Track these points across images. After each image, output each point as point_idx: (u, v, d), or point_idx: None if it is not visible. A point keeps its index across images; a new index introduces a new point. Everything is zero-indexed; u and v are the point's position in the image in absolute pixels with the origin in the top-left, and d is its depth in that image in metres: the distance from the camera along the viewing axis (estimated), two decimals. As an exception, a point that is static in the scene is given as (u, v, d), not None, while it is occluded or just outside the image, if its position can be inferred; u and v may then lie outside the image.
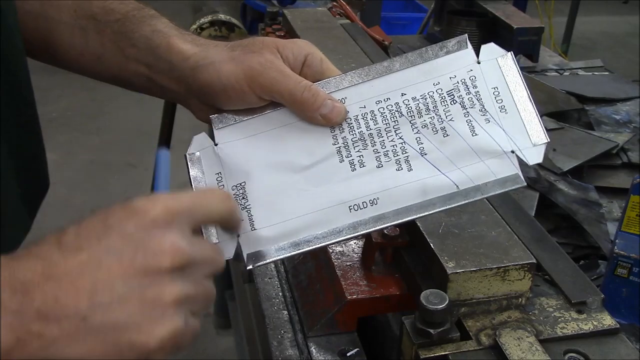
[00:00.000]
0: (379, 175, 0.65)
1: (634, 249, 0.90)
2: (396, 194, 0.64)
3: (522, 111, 0.65)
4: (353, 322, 0.78)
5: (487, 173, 0.63)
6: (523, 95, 0.66)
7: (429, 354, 0.66)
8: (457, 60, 0.67)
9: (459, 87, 0.66)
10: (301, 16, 1.52)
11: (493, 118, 0.65)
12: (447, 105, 0.66)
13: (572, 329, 0.70)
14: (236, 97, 0.68)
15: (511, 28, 1.76)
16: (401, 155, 0.65)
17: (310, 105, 0.66)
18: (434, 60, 0.68)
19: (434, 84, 0.67)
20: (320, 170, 0.66)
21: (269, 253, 0.64)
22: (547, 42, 4.38)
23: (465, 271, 0.69)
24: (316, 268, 0.83)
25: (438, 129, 0.65)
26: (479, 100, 0.66)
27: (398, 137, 0.66)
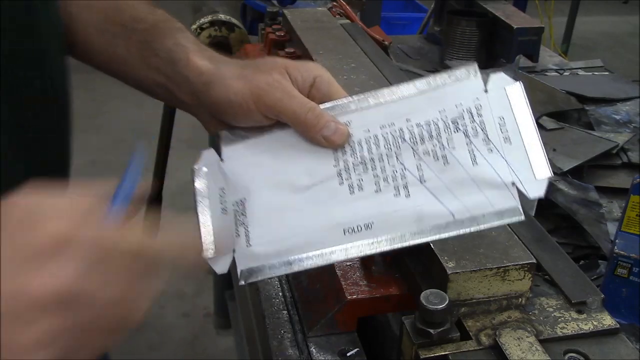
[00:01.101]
0: (377, 200, 0.65)
1: (634, 249, 0.90)
2: (392, 219, 0.64)
3: (527, 143, 0.64)
4: (353, 322, 0.78)
5: (485, 204, 0.62)
6: (529, 126, 0.65)
7: (429, 354, 0.66)
8: (465, 88, 0.67)
9: (464, 115, 0.65)
10: (301, 16, 1.52)
11: (496, 148, 0.64)
12: (451, 133, 0.65)
13: (572, 329, 0.70)
14: (243, 114, 0.69)
15: (511, 28, 1.76)
16: (400, 181, 0.65)
17: (313, 127, 0.67)
18: (441, 88, 0.67)
19: (439, 111, 0.66)
20: (320, 192, 0.66)
21: (262, 270, 0.64)
22: (547, 42, 4.38)
23: (465, 271, 0.69)
24: (316, 268, 0.83)
25: (439, 157, 0.65)
26: (483, 130, 0.65)
27: (399, 162, 0.65)
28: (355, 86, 1.15)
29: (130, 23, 0.77)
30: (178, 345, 2.62)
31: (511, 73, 1.67)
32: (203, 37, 1.69)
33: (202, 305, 2.80)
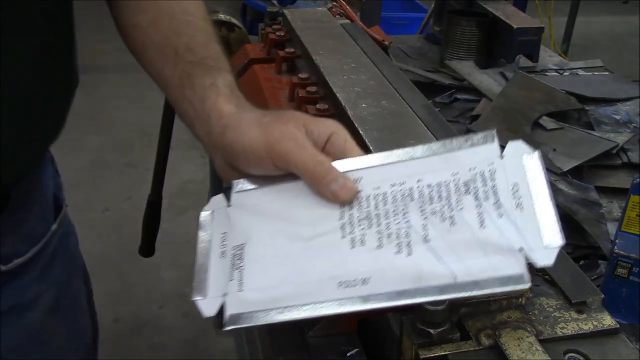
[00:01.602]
0: (377, 256, 0.62)
1: (634, 249, 0.90)
2: (390, 276, 0.61)
3: (539, 211, 0.62)
4: (353, 323, 0.78)
5: (489, 268, 0.59)
6: (544, 195, 0.63)
7: (429, 354, 0.66)
8: (481, 153, 0.66)
9: (476, 178, 0.64)
10: (301, 16, 1.52)
11: (507, 213, 0.61)
12: (461, 194, 0.63)
13: (572, 329, 0.70)
14: (255, 161, 0.71)
15: (511, 28, 1.76)
16: (404, 238, 0.63)
17: (321, 179, 0.67)
18: (456, 151, 0.67)
19: (452, 173, 0.65)
20: (320, 244, 0.65)
21: (251, 317, 0.63)
22: (547, 42, 4.38)
23: None
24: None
25: (446, 217, 0.62)
26: (495, 194, 0.63)
27: (405, 220, 0.64)
28: (355, 86, 1.15)
29: (183, 52, 0.81)
30: (178, 345, 2.62)
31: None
32: (203, 37, 1.69)
33: (202, 305, 2.80)
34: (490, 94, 1.59)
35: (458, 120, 1.51)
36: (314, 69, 1.27)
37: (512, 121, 1.41)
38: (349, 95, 1.11)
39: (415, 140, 0.98)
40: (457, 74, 1.73)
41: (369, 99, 1.10)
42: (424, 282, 0.60)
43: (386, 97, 1.12)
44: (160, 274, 2.95)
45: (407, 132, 1.00)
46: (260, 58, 1.48)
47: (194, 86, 0.79)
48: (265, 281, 0.64)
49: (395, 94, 1.14)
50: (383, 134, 0.99)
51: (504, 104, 1.47)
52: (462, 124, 1.48)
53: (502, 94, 1.53)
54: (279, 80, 1.35)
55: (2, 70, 0.74)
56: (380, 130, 1.00)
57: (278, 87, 1.33)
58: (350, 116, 1.04)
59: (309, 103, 1.17)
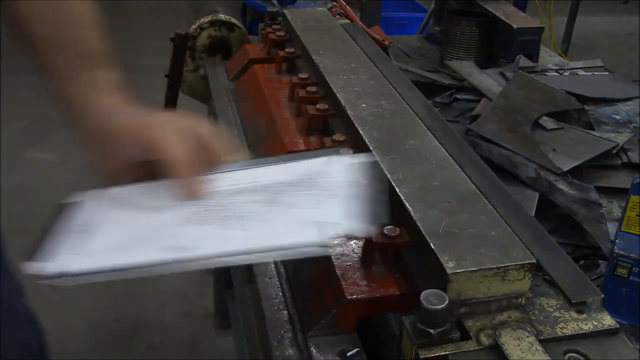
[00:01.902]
0: (203, 229, 0.74)
1: (634, 249, 0.90)
2: (204, 243, 0.71)
3: (349, 200, 0.74)
4: (353, 323, 0.78)
5: (295, 236, 0.70)
6: (357, 189, 0.77)
7: (429, 354, 0.66)
8: (320, 161, 0.84)
9: (306, 178, 0.80)
10: (301, 16, 1.52)
11: (322, 199, 0.77)
12: (295, 189, 0.79)
13: (572, 329, 0.70)
14: (129, 141, 0.80)
15: (511, 28, 1.76)
16: (223, 215, 0.76)
17: (183, 171, 0.78)
18: (303, 160, 0.85)
19: (290, 173, 0.82)
20: (162, 222, 0.76)
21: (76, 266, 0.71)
22: (547, 42, 4.38)
23: (465, 271, 0.69)
24: (317, 268, 0.83)
25: (270, 201, 0.77)
26: (319, 185, 0.78)
27: (250, 208, 0.77)
28: (355, 86, 1.15)
29: (68, 43, 0.86)
30: (178, 345, 2.62)
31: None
32: (203, 37, 1.69)
33: (202, 305, 2.80)
34: (490, 94, 1.59)
35: (458, 120, 1.51)
36: (314, 69, 1.27)
37: (512, 121, 1.40)
38: (348, 95, 1.11)
39: (414, 140, 0.97)
40: (457, 74, 1.73)
41: (369, 99, 1.10)
42: (234, 247, 0.70)
43: (386, 97, 1.12)
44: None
45: (407, 132, 1.00)
46: (260, 58, 1.48)
47: (78, 78, 0.84)
48: (98, 246, 0.73)
49: (395, 93, 1.14)
50: (383, 134, 0.99)
51: (504, 104, 1.47)
52: (462, 124, 1.48)
53: (502, 94, 1.53)
54: (279, 80, 1.35)
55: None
56: (380, 130, 1.00)
57: (278, 87, 1.33)
58: (350, 116, 1.04)
59: (309, 103, 1.17)
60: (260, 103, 1.28)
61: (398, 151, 0.94)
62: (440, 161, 0.92)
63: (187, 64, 1.72)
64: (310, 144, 1.11)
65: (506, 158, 1.29)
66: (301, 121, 1.16)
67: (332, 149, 0.91)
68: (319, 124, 1.14)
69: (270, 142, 1.16)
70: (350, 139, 1.03)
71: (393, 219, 0.85)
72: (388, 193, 0.83)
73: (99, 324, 2.67)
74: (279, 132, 1.14)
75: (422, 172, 0.89)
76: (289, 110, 1.22)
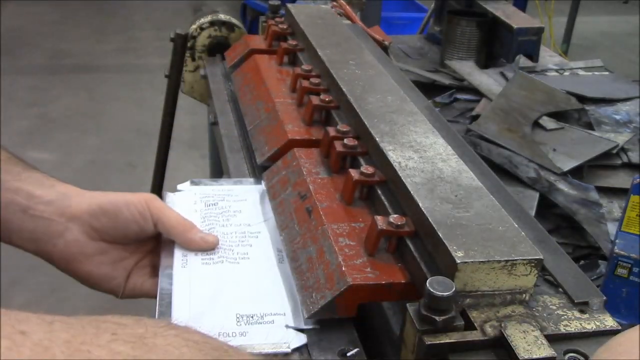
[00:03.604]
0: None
1: (634, 249, 0.90)
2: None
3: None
4: (353, 308, 0.78)
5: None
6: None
7: (434, 340, 0.65)
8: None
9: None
10: (305, 11, 1.52)
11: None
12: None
13: (575, 327, 0.70)
14: (137, 215, 0.85)
15: (511, 28, 1.76)
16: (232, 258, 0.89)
17: (191, 229, 0.88)
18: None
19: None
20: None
21: None
22: (547, 42, 4.38)
23: (474, 262, 0.69)
24: (318, 252, 0.83)
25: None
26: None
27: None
28: (360, 80, 1.15)
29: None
30: (178, 345, 2.62)
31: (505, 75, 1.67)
32: (203, 37, 1.69)
33: (202, 305, 2.80)
34: (490, 94, 1.59)
35: (458, 121, 1.52)
36: (317, 62, 1.26)
37: (512, 121, 1.41)
38: (354, 88, 1.11)
39: (420, 136, 0.97)
40: (457, 74, 1.73)
41: (374, 93, 1.10)
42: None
43: (392, 94, 1.11)
44: (160, 274, 2.95)
45: (413, 126, 1.00)
46: (261, 49, 1.47)
47: (18, 179, 0.83)
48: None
49: (400, 91, 1.14)
50: (389, 126, 0.99)
51: (504, 104, 1.47)
52: (462, 124, 1.48)
53: (502, 94, 1.53)
54: (279, 71, 1.34)
55: None
56: (386, 123, 0.99)
57: (279, 77, 1.31)
58: (356, 108, 1.03)
59: (312, 94, 1.16)
60: (260, 91, 1.27)
61: (404, 144, 0.94)
62: (446, 156, 0.91)
63: (187, 64, 1.72)
64: (311, 133, 1.10)
65: (506, 158, 1.29)
66: (303, 110, 1.15)
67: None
68: (321, 114, 1.13)
69: (270, 129, 1.15)
70: (354, 130, 1.02)
71: (399, 209, 0.85)
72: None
73: None
74: (281, 120, 1.13)
75: (429, 165, 0.88)
76: (290, 100, 1.21)
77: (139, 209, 0.85)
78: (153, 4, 6.50)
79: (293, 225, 0.91)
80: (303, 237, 0.87)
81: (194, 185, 1.02)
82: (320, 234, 0.85)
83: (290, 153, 1.03)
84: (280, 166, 1.03)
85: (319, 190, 0.93)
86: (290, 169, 1.01)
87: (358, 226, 0.86)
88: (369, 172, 0.90)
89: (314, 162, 1.00)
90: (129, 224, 0.85)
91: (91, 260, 0.86)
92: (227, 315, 0.77)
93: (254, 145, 1.15)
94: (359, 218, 0.88)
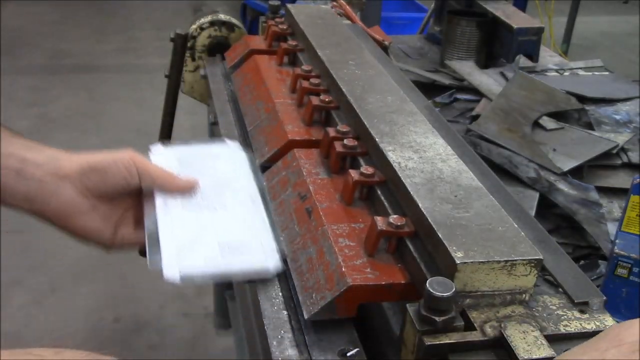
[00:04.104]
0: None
1: (634, 249, 0.90)
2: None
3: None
4: (353, 309, 0.78)
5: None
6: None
7: (434, 341, 0.65)
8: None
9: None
10: (305, 12, 1.52)
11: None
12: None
13: (575, 327, 0.70)
14: (125, 172, 0.91)
15: (511, 28, 1.76)
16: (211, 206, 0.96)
17: (174, 177, 0.96)
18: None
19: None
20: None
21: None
22: (547, 42, 4.38)
23: (474, 262, 0.69)
24: (317, 253, 0.83)
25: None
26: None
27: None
28: (359, 80, 1.15)
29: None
30: (178, 345, 2.62)
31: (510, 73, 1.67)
32: (203, 37, 1.69)
33: (202, 305, 2.80)
34: (490, 94, 1.59)
35: (458, 121, 1.51)
36: (317, 63, 1.26)
37: (512, 121, 1.41)
38: (354, 88, 1.11)
39: (420, 135, 0.97)
40: (457, 74, 1.73)
41: (374, 93, 1.10)
42: None
43: (392, 94, 1.11)
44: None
45: (413, 127, 1.00)
46: (261, 49, 1.47)
47: (10, 144, 0.88)
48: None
49: (400, 91, 1.14)
50: (388, 127, 0.99)
51: (504, 104, 1.47)
52: (462, 124, 1.48)
53: (502, 94, 1.53)
54: (279, 72, 1.34)
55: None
56: (386, 124, 0.99)
57: (279, 77, 1.31)
58: (356, 108, 1.03)
59: (311, 94, 1.16)
60: (260, 91, 1.27)
61: (404, 144, 0.94)
62: (446, 156, 0.91)
63: (187, 64, 1.72)
64: (311, 133, 1.11)
65: (506, 158, 1.29)
66: (303, 111, 1.15)
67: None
68: (320, 115, 1.13)
69: (270, 130, 1.15)
70: (354, 130, 1.02)
71: (399, 210, 0.85)
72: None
73: (99, 324, 2.67)
74: (281, 120, 1.13)
75: (429, 165, 0.88)
76: (290, 101, 1.21)
77: (125, 164, 0.91)
78: (153, 4, 6.50)
79: (293, 226, 0.91)
80: (303, 237, 0.87)
81: (167, 149, 1.08)
82: (320, 234, 0.85)
83: (290, 153, 1.03)
84: (281, 167, 1.03)
85: (319, 190, 0.93)
86: (290, 169, 1.01)
87: (358, 227, 0.86)
88: (369, 172, 0.90)
89: (313, 162, 1.00)
90: (117, 179, 0.91)
91: (84, 216, 0.91)
92: (211, 248, 0.86)
93: (254, 145, 1.15)
94: (359, 218, 0.88)
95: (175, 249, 0.86)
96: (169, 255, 0.86)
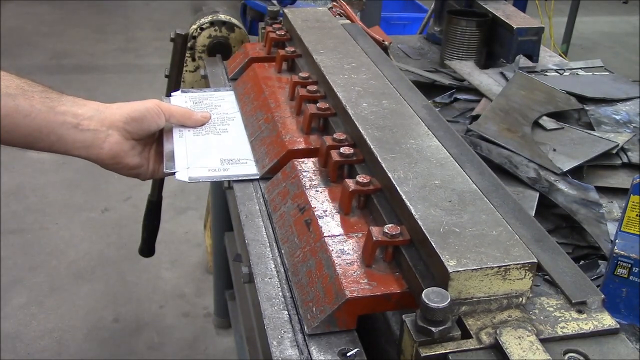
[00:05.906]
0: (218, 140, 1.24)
1: (634, 249, 0.90)
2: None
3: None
4: (353, 320, 0.78)
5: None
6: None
7: (429, 352, 0.66)
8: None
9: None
10: (302, 15, 1.52)
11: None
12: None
13: (572, 328, 0.70)
14: (155, 116, 1.15)
15: (511, 28, 1.76)
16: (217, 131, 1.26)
17: (193, 113, 1.24)
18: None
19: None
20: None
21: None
22: (547, 42, 4.39)
23: (467, 270, 0.69)
24: (317, 265, 0.83)
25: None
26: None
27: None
28: (356, 85, 1.15)
29: (28, 86, 1.05)
30: (178, 345, 2.62)
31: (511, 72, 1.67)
32: (203, 37, 1.69)
33: (202, 305, 2.80)
34: (490, 94, 1.59)
35: (458, 121, 1.51)
36: (314, 68, 1.26)
37: (512, 121, 1.41)
38: (349, 94, 1.11)
39: (415, 139, 0.97)
40: (457, 74, 1.73)
41: (370, 98, 1.10)
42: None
43: (387, 97, 1.11)
44: (160, 274, 2.95)
45: (408, 131, 1.00)
46: (260, 57, 1.47)
47: (63, 100, 1.06)
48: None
49: (397, 93, 1.14)
50: (384, 133, 0.99)
51: (504, 104, 1.47)
52: (462, 124, 1.48)
53: (502, 94, 1.53)
54: (279, 79, 1.35)
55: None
56: (381, 130, 1.00)
57: (278, 85, 1.32)
58: (351, 115, 1.04)
59: (309, 102, 1.16)
60: (259, 101, 1.28)
61: (399, 150, 0.94)
62: (441, 160, 0.91)
63: (187, 64, 1.72)
64: (309, 142, 1.11)
65: (506, 158, 1.29)
66: (301, 120, 1.15)
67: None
68: (319, 122, 1.14)
69: (270, 140, 1.15)
70: (350, 137, 1.03)
71: (395, 218, 0.85)
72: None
73: (99, 324, 2.67)
74: (279, 131, 1.14)
75: (423, 171, 0.88)
76: (289, 109, 1.22)
77: (155, 110, 1.15)
78: (153, 4, 6.50)
79: (293, 239, 0.91)
80: (303, 250, 0.88)
81: (183, 93, 1.38)
82: (318, 246, 0.85)
83: (289, 165, 1.04)
84: (280, 178, 1.04)
85: (317, 202, 0.94)
86: (289, 180, 1.01)
87: (356, 236, 0.87)
88: (365, 181, 0.90)
89: (312, 172, 1.01)
90: (150, 124, 1.14)
91: (128, 155, 1.12)
92: (214, 160, 1.14)
93: (255, 157, 1.16)
94: (357, 228, 0.88)
95: (186, 160, 1.13)
96: (181, 164, 1.12)
